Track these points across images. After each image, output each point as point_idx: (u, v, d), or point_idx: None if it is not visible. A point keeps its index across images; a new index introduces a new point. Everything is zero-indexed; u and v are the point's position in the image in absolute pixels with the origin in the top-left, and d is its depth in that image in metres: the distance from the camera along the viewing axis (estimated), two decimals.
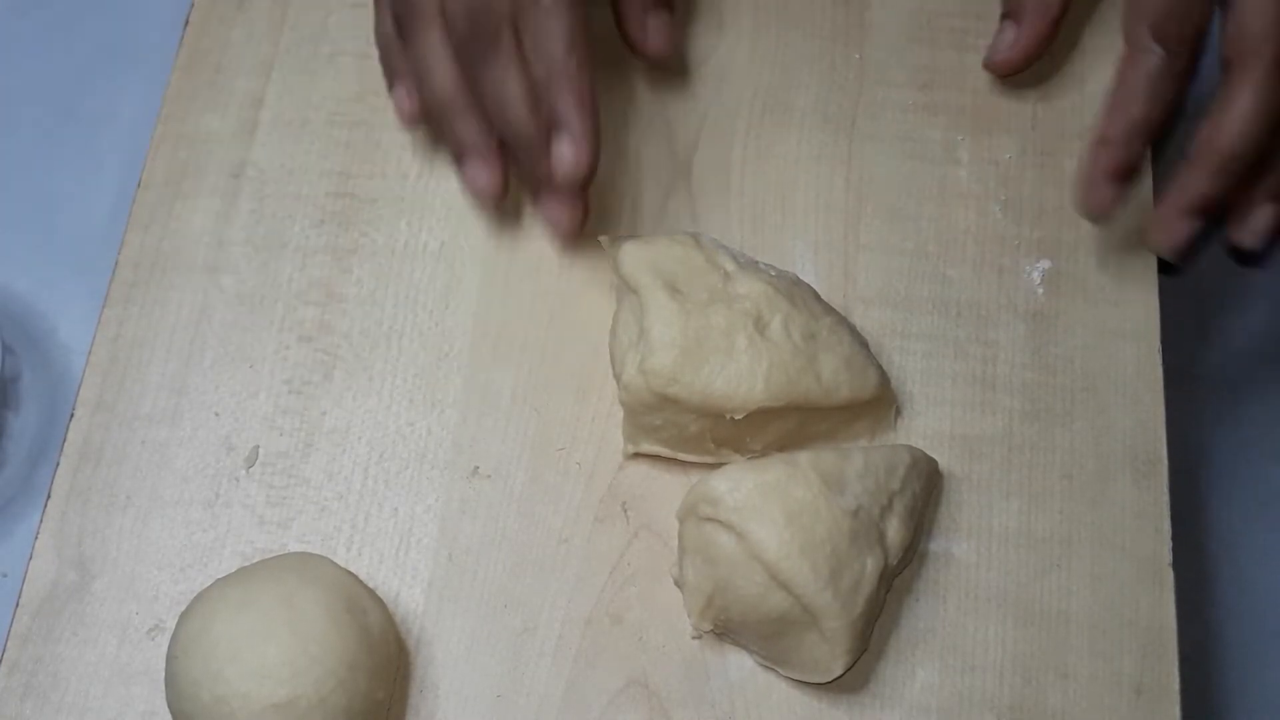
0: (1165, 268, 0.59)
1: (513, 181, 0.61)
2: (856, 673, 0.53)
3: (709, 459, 0.56)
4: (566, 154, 0.55)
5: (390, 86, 0.61)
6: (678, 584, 0.54)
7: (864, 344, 0.56)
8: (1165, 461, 0.57)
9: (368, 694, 0.50)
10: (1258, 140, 0.54)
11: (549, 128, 0.56)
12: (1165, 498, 0.56)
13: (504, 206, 0.61)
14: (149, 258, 0.61)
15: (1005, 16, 0.63)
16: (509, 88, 0.55)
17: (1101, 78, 0.62)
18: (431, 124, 0.61)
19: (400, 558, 0.56)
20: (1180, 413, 0.58)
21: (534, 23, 0.55)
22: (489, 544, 0.56)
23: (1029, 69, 0.63)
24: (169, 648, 0.51)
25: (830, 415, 0.55)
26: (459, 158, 0.59)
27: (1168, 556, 0.55)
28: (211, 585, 0.52)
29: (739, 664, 0.54)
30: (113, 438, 0.58)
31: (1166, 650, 0.54)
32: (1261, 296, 0.74)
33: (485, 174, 0.58)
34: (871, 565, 0.51)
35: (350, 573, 0.53)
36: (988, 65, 0.63)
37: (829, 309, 0.56)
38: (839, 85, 0.64)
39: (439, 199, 0.62)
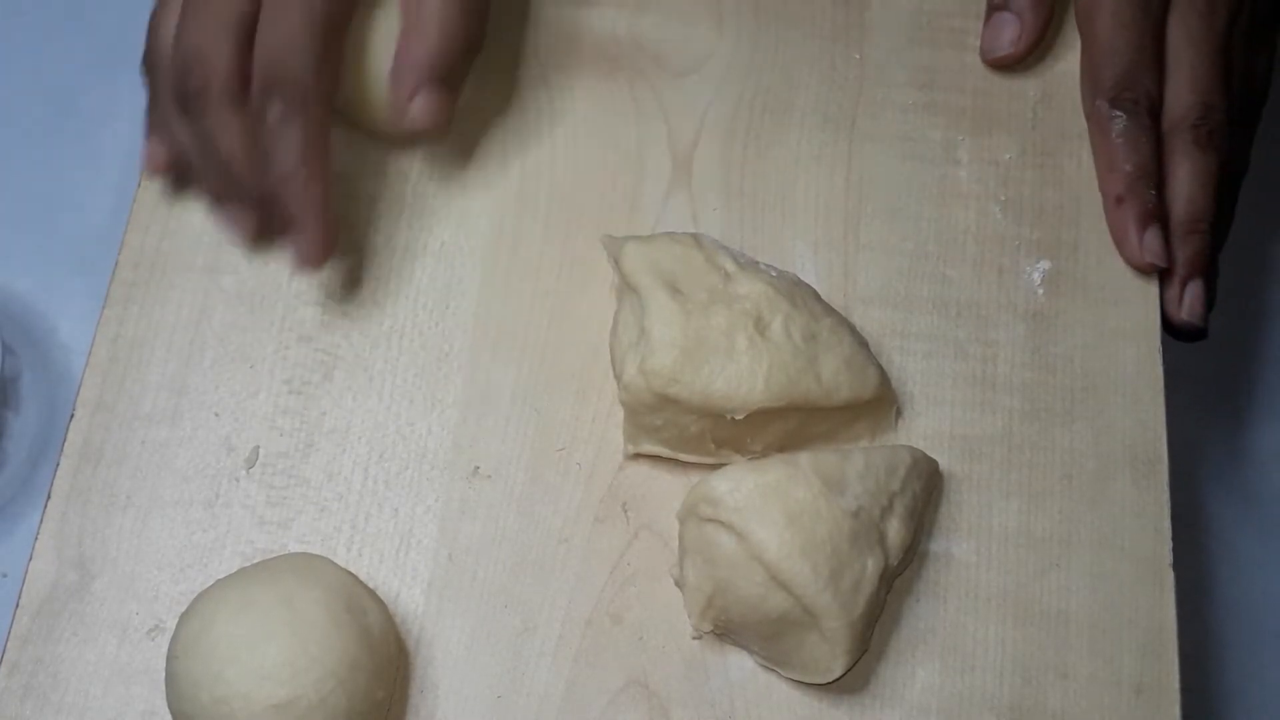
0: (1187, 335, 0.60)
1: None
2: (857, 673, 0.53)
3: (709, 459, 0.56)
4: (301, 253, 0.57)
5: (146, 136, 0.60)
6: (678, 584, 0.54)
7: (864, 344, 0.56)
8: (1165, 461, 0.57)
9: (368, 694, 0.50)
10: (1209, 197, 0.59)
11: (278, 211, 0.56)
12: (1165, 498, 0.56)
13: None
14: (149, 258, 0.61)
15: (998, 7, 0.63)
16: (226, 154, 0.56)
17: None
18: (181, 174, 0.61)
19: (400, 558, 0.56)
20: (1180, 413, 0.58)
21: (266, 128, 0.55)
22: (489, 544, 0.56)
23: (1028, 63, 0.64)
24: (169, 648, 0.51)
25: (830, 416, 0.55)
26: (211, 202, 0.60)
27: (1168, 556, 0.55)
28: (211, 586, 0.52)
29: (739, 664, 0.54)
30: (113, 438, 0.58)
31: (1166, 650, 0.54)
32: (1262, 297, 0.74)
33: (240, 219, 0.59)
34: (872, 566, 0.51)
35: (350, 573, 0.53)
36: (989, 61, 0.63)
37: (829, 309, 0.56)
38: (839, 85, 0.64)
39: (439, 199, 0.62)
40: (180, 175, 0.61)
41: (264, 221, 0.58)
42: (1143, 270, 0.59)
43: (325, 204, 0.56)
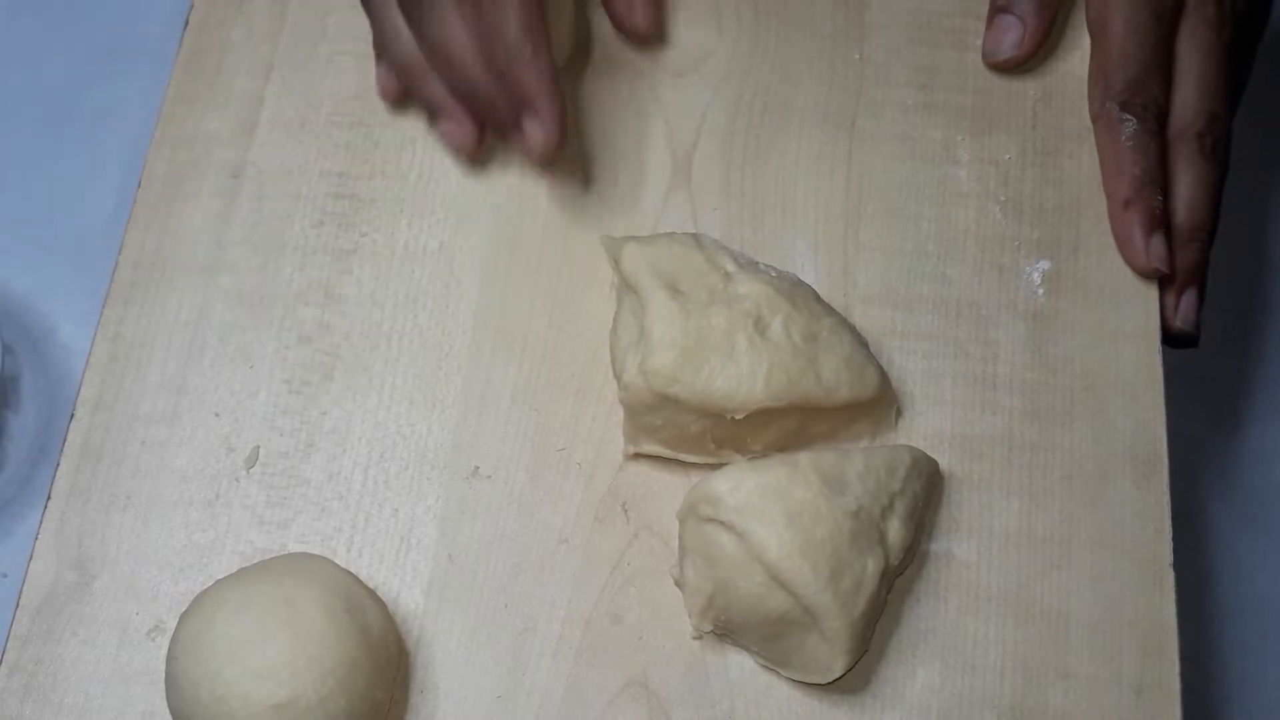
0: (1180, 342, 0.60)
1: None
2: (857, 673, 0.53)
3: (709, 459, 0.56)
4: (536, 134, 0.57)
5: (376, 65, 0.63)
6: (678, 584, 0.54)
7: (864, 344, 0.56)
8: (1165, 461, 0.57)
9: (367, 694, 0.50)
10: (1209, 207, 0.60)
11: (511, 97, 0.57)
12: (1165, 498, 0.56)
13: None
14: (149, 258, 0.61)
15: (1002, 10, 0.63)
16: (452, 46, 0.57)
17: None
18: (407, 95, 0.62)
19: (400, 558, 0.56)
20: (1180, 413, 0.58)
21: (486, 3, 0.56)
22: (489, 544, 0.56)
23: (1028, 63, 0.64)
24: (169, 648, 0.51)
25: (831, 415, 0.55)
26: (430, 117, 0.61)
27: (1168, 556, 0.55)
28: (211, 585, 0.52)
29: (739, 664, 0.54)
30: (113, 438, 0.58)
31: (1166, 650, 0.54)
32: (1262, 297, 0.74)
33: (456, 130, 0.60)
34: (872, 566, 0.51)
35: (350, 573, 0.53)
36: (992, 64, 0.63)
37: (829, 309, 0.56)
38: (839, 85, 0.64)
39: (439, 199, 0.62)
40: (406, 93, 0.62)
41: (491, 117, 0.59)
42: (1146, 275, 0.59)
43: (554, 77, 0.57)
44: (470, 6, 0.56)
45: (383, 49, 0.61)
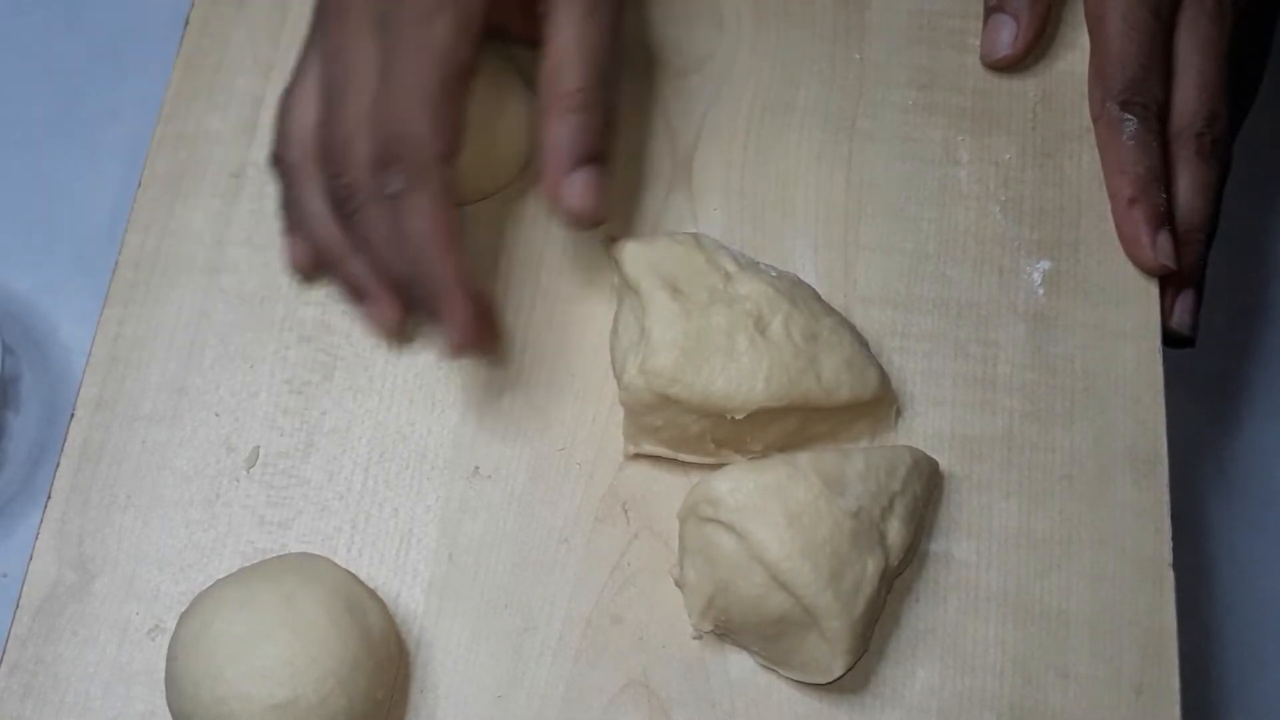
0: (1176, 342, 0.60)
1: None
2: (857, 673, 0.53)
3: (710, 459, 0.56)
4: (450, 336, 0.54)
5: (285, 235, 0.60)
6: (678, 584, 0.54)
7: (865, 344, 0.56)
8: (1165, 461, 0.57)
9: (368, 694, 0.50)
10: (1208, 209, 0.60)
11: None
12: (1165, 498, 0.56)
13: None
14: (149, 258, 0.61)
15: (995, 9, 0.63)
16: (375, 236, 0.54)
17: None
18: (325, 270, 0.59)
19: (400, 558, 0.56)
20: (1180, 413, 0.58)
21: (394, 206, 0.53)
22: (489, 544, 0.56)
23: (1028, 63, 0.64)
24: (169, 648, 0.51)
25: (831, 416, 0.55)
26: (350, 298, 0.59)
27: (1168, 556, 0.55)
28: (212, 585, 0.52)
29: (739, 664, 0.54)
30: (113, 438, 0.58)
31: (1166, 650, 0.54)
32: (1262, 296, 0.74)
33: (379, 312, 0.58)
34: (872, 566, 0.51)
35: (350, 573, 0.53)
36: (989, 63, 0.63)
37: (830, 309, 0.56)
38: (839, 85, 0.64)
39: None
40: (321, 269, 0.59)
41: (406, 309, 0.57)
42: (1152, 273, 0.59)
43: (463, 277, 0.53)
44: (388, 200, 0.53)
45: (297, 224, 0.58)
